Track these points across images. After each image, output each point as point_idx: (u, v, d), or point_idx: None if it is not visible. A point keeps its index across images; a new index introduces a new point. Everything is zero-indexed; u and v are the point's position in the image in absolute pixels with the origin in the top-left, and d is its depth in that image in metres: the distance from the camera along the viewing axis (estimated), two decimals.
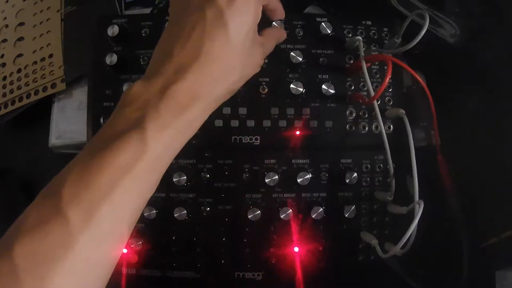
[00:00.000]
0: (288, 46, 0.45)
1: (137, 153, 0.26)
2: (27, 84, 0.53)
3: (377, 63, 0.45)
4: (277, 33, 0.39)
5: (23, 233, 0.23)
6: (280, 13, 0.40)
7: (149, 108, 0.27)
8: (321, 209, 0.43)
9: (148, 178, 0.27)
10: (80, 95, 0.52)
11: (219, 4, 0.29)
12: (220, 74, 0.30)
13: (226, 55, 0.30)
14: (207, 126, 0.44)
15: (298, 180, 0.43)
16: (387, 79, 0.39)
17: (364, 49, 0.42)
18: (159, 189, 0.43)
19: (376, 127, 0.45)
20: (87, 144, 0.27)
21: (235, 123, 0.44)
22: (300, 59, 0.43)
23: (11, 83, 0.54)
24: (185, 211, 0.43)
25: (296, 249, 0.45)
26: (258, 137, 0.44)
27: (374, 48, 0.45)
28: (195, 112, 0.28)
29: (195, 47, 0.29)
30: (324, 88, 0.44)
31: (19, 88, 0.53)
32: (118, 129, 0.26)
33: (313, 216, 0.43)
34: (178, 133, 0.28)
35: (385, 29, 0.46)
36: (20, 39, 0.55)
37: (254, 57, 0.34)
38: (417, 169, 0.37)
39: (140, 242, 0.44)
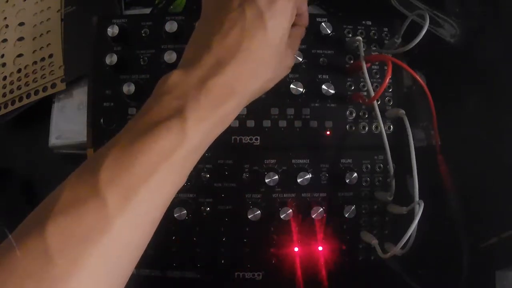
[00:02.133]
0: None
1: (177, 141, 0.26)
2: (27, 84, 0.53)
3: (377, 63, 0.45)
4: (301, 33, 0.40)
5: (56, 212, 0.23)
6: (305, 19, 0.40)
7: (189, 98, 0.27)
8: (321, 209, 0.43)
9: (184, 167, 0.28)
10: (80, 95, 0.52)
11: (259, 5, 0.30)
12: (256, 72, 0.31)
13: (263, 54, 0.31)
14: None
15: (298, 180, 0.43)
16: (387, 79, 0.39)
17: (364, 49, 0.42)
18: None
19: (376, 127, 0.45)
20: (125, 128, 0.27)
21: (235, 123, 0.44)
22: (300, 59, 0.43)
23: (11, 83, 0.54)
24: (185, 211, 0.43)
25: (296, 249, 0.45)
26: (258, 137, 0.44)
27: (374, 48, 0.45)
28: (230, 107, 0.29)
29: (234, 43, 0.29)
30: (324, 88, 0.44)
31: (19, 88, 0.53)
32: (158, 116, 0.27)
33: (313, 216, 0.43)
34: (215, 125, 0.29)
35: (385, 29, 0.46)
36: (20, 39, 0.55)
37: (286, 58, 0.35)
38: (417, 169, 0.37)
39: None
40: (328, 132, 0.45)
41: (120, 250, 0.24)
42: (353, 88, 0.45)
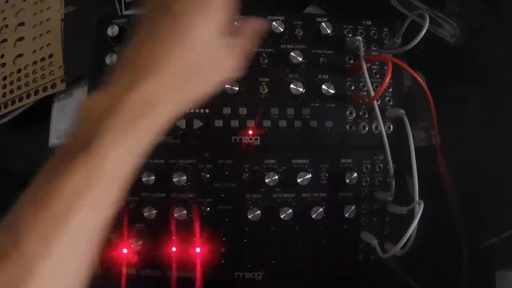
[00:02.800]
0: (288, 46, 0.45)
1: (92, 173, 0.25)
2: (27, 84, 0.53)
3: (377, 63, 0.45)
4: (250, 28, 0.36)
5: None
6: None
7: (101, 125, 0.25)
8: (321, 209, 0.43)
9: (104, 199, 0.26)
10: (80, 95, 0.52)
11: (174, 11, 0.29)
12: (178, 80, 0.28)
13: (186, 60, 0.29)
14: (207, 126, 0.44)
15: (298, 180, 0.43)
16: (387, 79, 0.39)
17: (364, 49, 0.42)
18: (159, 189, 0.45)
19: (376, 127, 0.45)
20: (44, 167, 0.26)
21: (235, 123, 0.44)
22: (300, 59, 0.43)
23: (11, 83, 0.54)
24: (185, 211, 0.43)
25: (295, 249, 0.45)
26: (258, 137, 0.44)
27: (374, 48, 0.45)
28: (150, 121, 0.27)
29: (148, 56, 0.28)
30: (324, 88, 0.44)
31: (19, 88, 0.53)
32: (71, 151, 0.25)
33: (313, 216, 0.43)
34: (134, 144, 0.27)
35: (385, 29, 0.46)
36: (20, 39, 0.55)
37: (223, 60, 0.32)
38: (417, 169, 0.37)
39: (140, 242, 0.44)
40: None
41: None
42: (353, 88, 0.45)
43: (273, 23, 0.43)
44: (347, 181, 0.43)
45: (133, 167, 0.28)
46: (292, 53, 0.43)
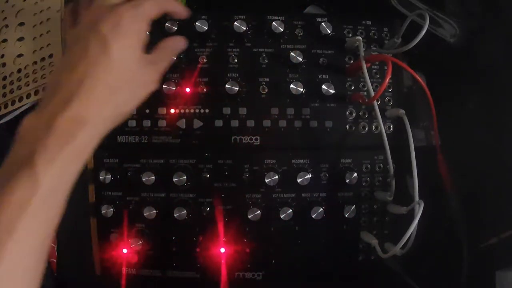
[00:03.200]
0: (288, 46, 0.45)
1: (30, 189, 0.26)
2: (27, 84, 0.53)
3: (377, 63, 0.45)
4: (169, 46, 0.38)
5: None
6: (181, 13, 0.39)
7: (37, 142, 0.27)
8: (321, 209, 0.43)
9: (47, 210, 0.28)
10: None
11: (102, 31, 0.31)
12: (104, 98, 0.30)
13: (110, 78, 0.31)
14: (207, 126, 0.44)
15: (298, 180, 0.43)
16: (387, 79, 0.39)
17: (364, 49, 0.42)
18: (159, 189, 0.45)
19: (376, 127, 0.45)
20: None
21: (235, 123, 0.44)
22: (300, 59, 0.43)
23: (11, 83, 0.54)
24: (185, 211, 0.43)
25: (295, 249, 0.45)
26: (258, 137, 0.44)
27: (374, 48, 0.45)
28: (82, 139, 0.29)
29: (80, 75, 0.30)
30: (324, 88, 0.44)
31: (19, 88, 0.53)
32: (11, 168, 0.27)
33: (313, 216, 0.43)
34: (68, 162, 0.28)
35: (385, 29, 0.46)
36: (20, 39, 0.55)
37: (144, 76, 0.34)
38: (417, 169, 0.37)
39: (140, 242, 0.44)
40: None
41: None
42: (353, 88, 0.45)
43: (273, 23, 0.43)
44: (347, 181, 0.43)
45: (71, 182, 0.29)
46: (292, 53, 0.43)
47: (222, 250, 0.45)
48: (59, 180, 0.28)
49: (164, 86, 0.43)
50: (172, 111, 0.44)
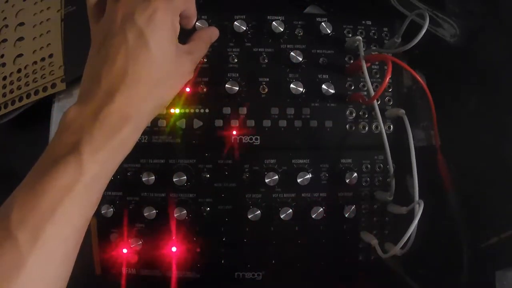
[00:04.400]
0: (288, 46, 0.45)
1: (75, 175, 0.27)
2: (27, 84, 0.53)
3: (377, 63, 0.45)
4: (205, 35, 0.40)
5: None
6: (194, 19, 0.40)
7: (83, 132, 0.28)
8: (321, 209, 0.43)
9: (87, 198, 0.29)
10: None
11: (138, 24, 0.31)
12: (147, 92, 0.31)
13: (151, 72, 0.31)
14: (207, 126, 0.44)
15: (298, 180, 0.43)
16: (387, 79, 0.39)
17: (364, 49, 0.42)
18: (159, 189, 0.45)
19: (376, 127, 0.45)
20: (32, 168, 0.29)
21: (235, 123, 0.44)
22: (300, 59, 0.43)
23: (11, 83, 0.54)
24: (185, 211, 0.43)
25: (295, 249, 0.45)
26: (258, 137, 0.44)
27: (374, 48, 0.45)
28: (127, 132, 0.30)
29: (121, 69, 0.30)
30: (324, 88, 0.44)
31: (19, 88, 0.53)
32: (57, 154, 0.28)
33: (313, 216, 0.43)
34: (113, 153, 0.29)
35: (385, 29, 0.46)
36: (20, 39, 0.55)
37: (182, 66, 0.35)
38: (417, 169, 0.37)
39: (140, 242, 0.44)
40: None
41: (39, 283, 0.26)
42: (353, 88, 0.45)
43: (273, 23, 0.43)
44: (347, 181, 0.43)
45: (112, 172, 0.31)
46: (292, 53, 0.43)
47: (222, 250, 0.45)
48: (102, 169, 0.29)
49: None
50: (172, 111, 0.44)
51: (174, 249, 0.45)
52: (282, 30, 0.44)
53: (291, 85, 0.43)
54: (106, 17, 0.34)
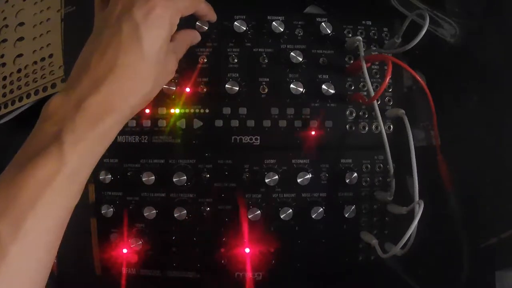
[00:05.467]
0: (288, 46, 0.45)
1: (56, 166, 0.27)
2: (27, 84, 0.53)
3: (377, 63, 0.45)
4: (189, 37, 0.39)
5: None
6: (211, 17, 0.41)
7: (65, 122, 0.28)
8: (321, 209, 0.43)
9: (69, 189, 0.28)
10: None
11: (135, 18, 0.31)
12: (134, 86, 0.31)
13: (140, 67, 0.31)
14: (207, 126, 0.44)
15: (298, 180, 0.43)
16: (387, 79, 0.39)
17: (364, 49, 0.42)
18: (159, 189, 0.45)
19: (376, 127, 0.45)
20: (13, 159, 0.29)
21: (235, 123, 0.44)
22: (300, 59, 0.43)
23: (11, 83, 0.54)
24: (185, 211, 0.43)
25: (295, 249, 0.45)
26: (258, 137, 0.44)
27: (374, 48, 0.45)
28: (109, 124, 0.29)
29: (111, 60, 0.30)
30: (324, 88, 0.44)
31: (19, 88, 0.53)
32: (38, 144, 0.28)
33: (313, 216, 0.43)
34: (94, 144, 0.29)
35: (385, 29, 0.46)
36: (20, 39, 0.55)
37: (167, 65, 0.35)
38: (417, 169, 0.37)
39: (140, 242, 0.44)
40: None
41: (20, 275, 0.26)
42: (353, 88, 0.45)
43: (273, 23, 0.43)
44: (347, 181, 0.43)
45: (93, 164, 0.30)
46: (292, 53, 0.43)
47: (222, 250, 0.45)
48: (84, 160, 0.29)
49: (164, 86, 0.43)
50: (172, 111, 0.44)
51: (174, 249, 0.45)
52: (282, 30, 0.44)
53: (291, 85, 0.43)
54: (109, 7, 0.33)
